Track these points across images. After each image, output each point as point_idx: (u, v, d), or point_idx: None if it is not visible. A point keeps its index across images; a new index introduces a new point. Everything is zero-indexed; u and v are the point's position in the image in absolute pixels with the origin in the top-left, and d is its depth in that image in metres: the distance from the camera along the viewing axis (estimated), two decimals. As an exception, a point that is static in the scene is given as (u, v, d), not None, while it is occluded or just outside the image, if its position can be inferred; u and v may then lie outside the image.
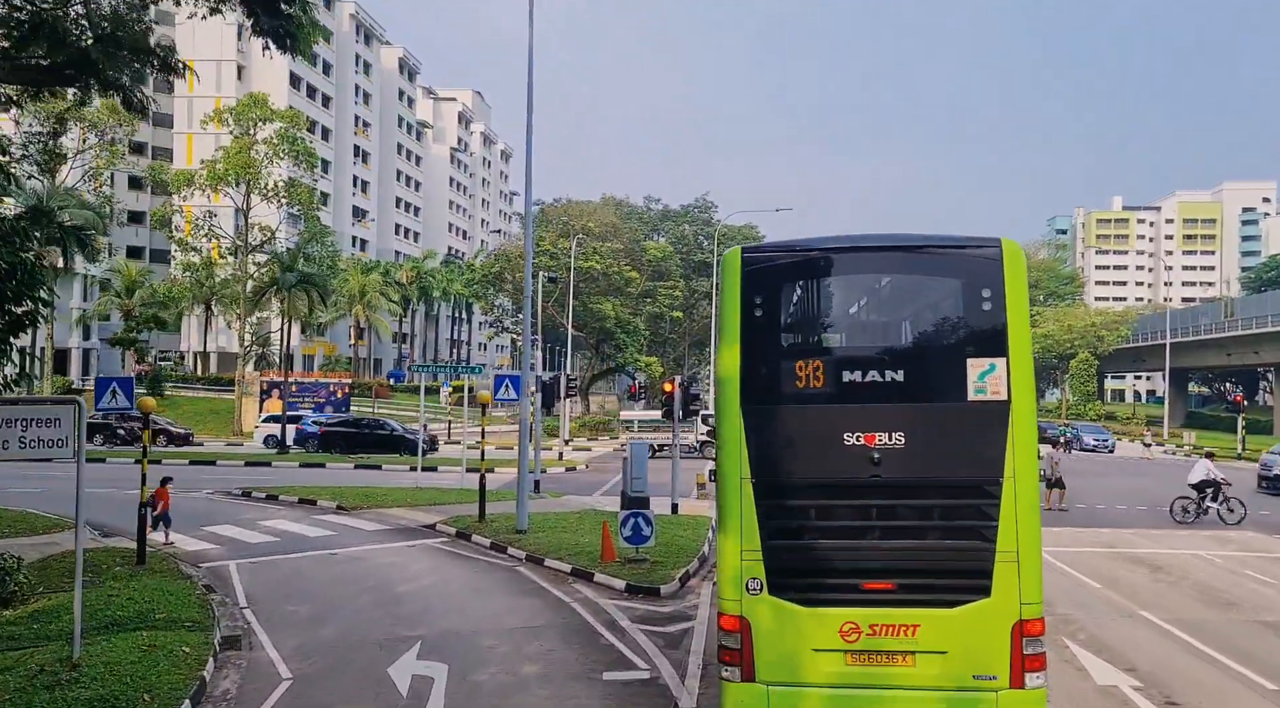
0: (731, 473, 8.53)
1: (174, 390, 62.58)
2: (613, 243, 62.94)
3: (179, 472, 34.87)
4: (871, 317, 9.43)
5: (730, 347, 8.68)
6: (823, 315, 9.27)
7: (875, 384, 8.39)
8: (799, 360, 8.60)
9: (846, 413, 8.36)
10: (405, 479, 32.21)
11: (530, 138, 20.82)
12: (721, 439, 8.88)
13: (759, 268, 8.80)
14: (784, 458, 8.46)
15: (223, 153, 49.88)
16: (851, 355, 8.76)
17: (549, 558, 17.96)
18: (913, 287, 9.19)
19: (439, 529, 21.90)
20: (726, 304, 8.90)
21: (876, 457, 8.20)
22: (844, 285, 9.22)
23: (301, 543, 20.01)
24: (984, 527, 8.13)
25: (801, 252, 9.06)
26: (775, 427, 8.51)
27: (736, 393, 8.56)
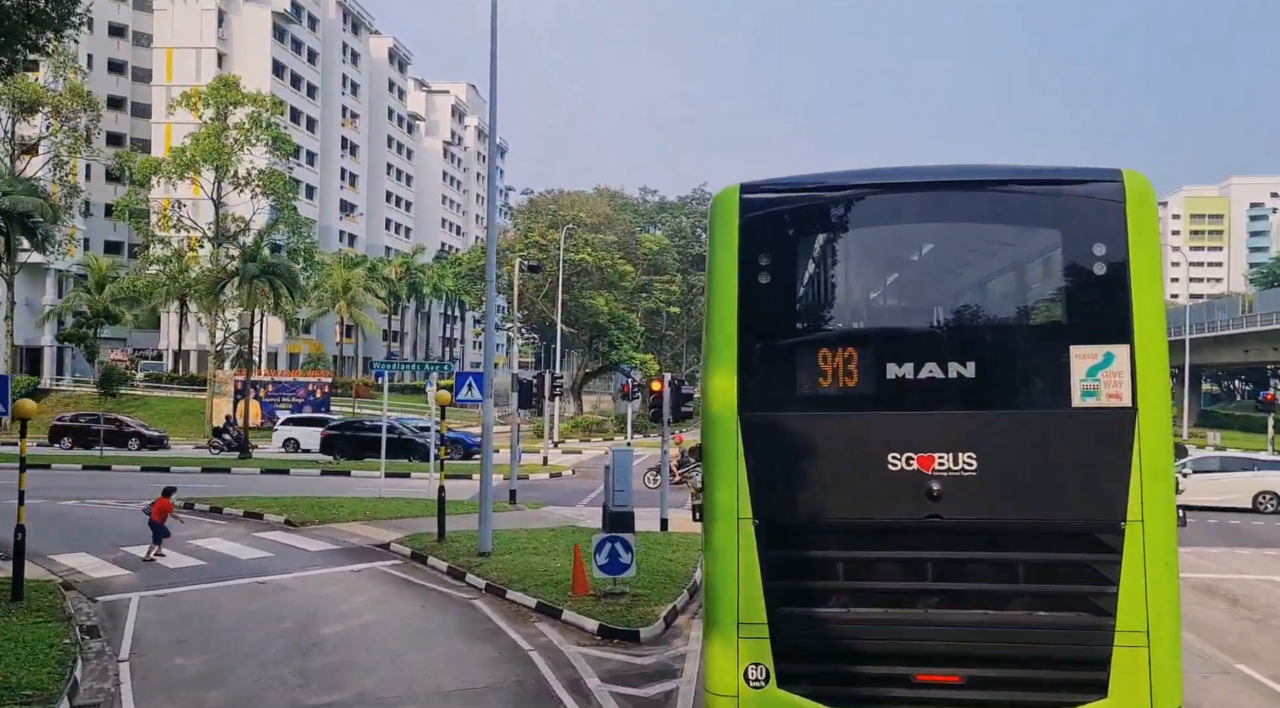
0: (724, 511, 6.31)
1: (147, 390, 59.82)
2: (606, 235, 60.10)
3: (130, 479, 32.37)
4: (928, 285, 7.04)
5: (722, 329, 6.44)
6: (857, 283, 7.01)
7: (934, 384, 6.16)
8: (822, 349, 6.36)
9: (892, 424, 6.22)
10: (404, 488, 29.33)
11: (494, 87, 18.04)
12: (710, 463, 6.54)
13: (765, 215, 6.52)
14: (800, 490, 6.27)
15: (191, 139, 47.09)
16: (899, 341, 6.44)
17: (512, 589, 15.18)
18: (989, 241, 6.79)
19: (393, 549, 19.12)
20: (718, 267, 6.56)
21: (935, 489, 6.01)
22: (888, 240, 6.86)
23: (229, 568, 17.23)
24: (1097, 594, 5.90)
25: (827, 190, 6.62)
26: (787, 445, 6.32)
27: (732, 396, 6.35)
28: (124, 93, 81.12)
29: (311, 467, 35.73)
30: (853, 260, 6.90)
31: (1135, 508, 5.84)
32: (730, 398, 6.30)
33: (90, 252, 68.65)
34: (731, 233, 6.43)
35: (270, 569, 17.13)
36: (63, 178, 50.27)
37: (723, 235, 6.48)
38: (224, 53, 77.84)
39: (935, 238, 6.91)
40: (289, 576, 16.67)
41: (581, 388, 68.32)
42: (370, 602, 14.86)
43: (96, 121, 48.17)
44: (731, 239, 6.42)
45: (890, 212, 6.63)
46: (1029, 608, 5.99)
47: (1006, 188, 6.54)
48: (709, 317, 6.66)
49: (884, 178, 6.67)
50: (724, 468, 6.31)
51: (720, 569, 6.28)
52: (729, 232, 6.44)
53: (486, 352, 18.70)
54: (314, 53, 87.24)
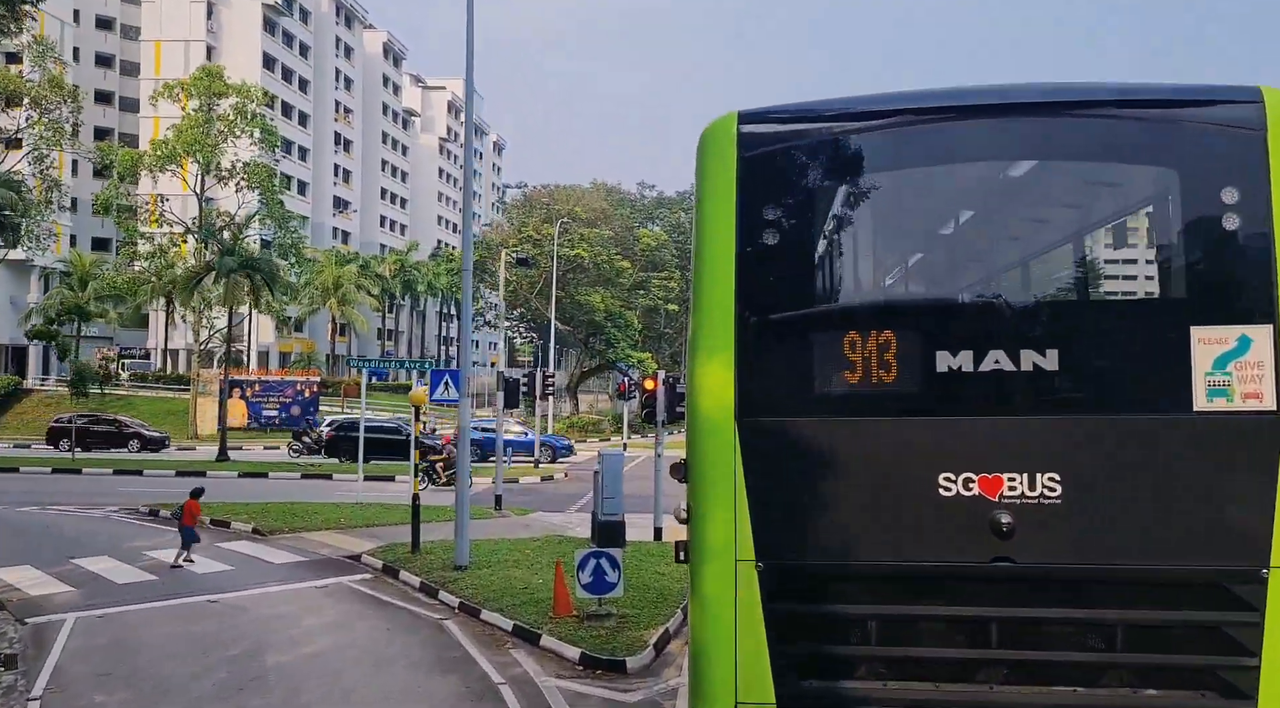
0: (716, 552, 4.80)
1: (132, 389, 58.37)
2: (602, 230, 58.59)
3: (99, 483, 30.87)
4: (995, 247, 5.47)
5: (714, 307, 4.94)
6: (898, 244, 5.56)
7: (1002, 379, 4.64)
8: (850, 332, 4.79)
9: (945, 434, 4.71)
10: (389, 492, 27.86)
11: (471, 53, 16.63)
12: (697, 487, 5.00)
13: (772, 153, 5.00)
14: (819, 524, 4.76)
15: (174, 130, 45.62)
16: (954, 322, 4.95)
17: (487, 608, 13.73)
18: (1079, 186, 5.26)
19: (364, 561, 17.68)
20: (708, 224, 5.04)
21: (1004, 522, 4.51)
22: (941, 184, 5.29)
23: (182, 583, 15.79)
24: (1229, 668, 4.40)
25: (856, 118, 5.07)
26: (803, 462, 4.80)
27: (727, 396, 4.84)
28: (112, 87, 79.65)
29: (292, 470, 34.26)
30: (892, 213, 5.43)
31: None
32: (725, 399, 4.84)
33: (76, 248, 67.14)
34: (726, 177, 4.92)
35: (227, 585, 15.69)
36: (44, 172, 48.69)
37: (715, 181, 4.97)
38: (213, 45, 76.34)
39: (1005, 182, 5.33)
40: (246, 593, 15.23)
41: (578, 387, 66.89)
42: (329, 624, 13.42)
43: (77, 113, 46.54)
44: (726, 186, 4.93)
45: (943, 146, 5.11)
46: (1133, 685, 4.54)
47: (1104, 112, 4.95)
48: (697, 291, 5.17)
49: (935, 101, 5.10)
50: (716, 494, 4.83)
51: (711, 629, 4.78)
52: (723, 176, 4.94)
53: (462, 347, 17.24)
54: (306, 46, 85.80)
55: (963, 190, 5.41)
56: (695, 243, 5.28)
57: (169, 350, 68.61)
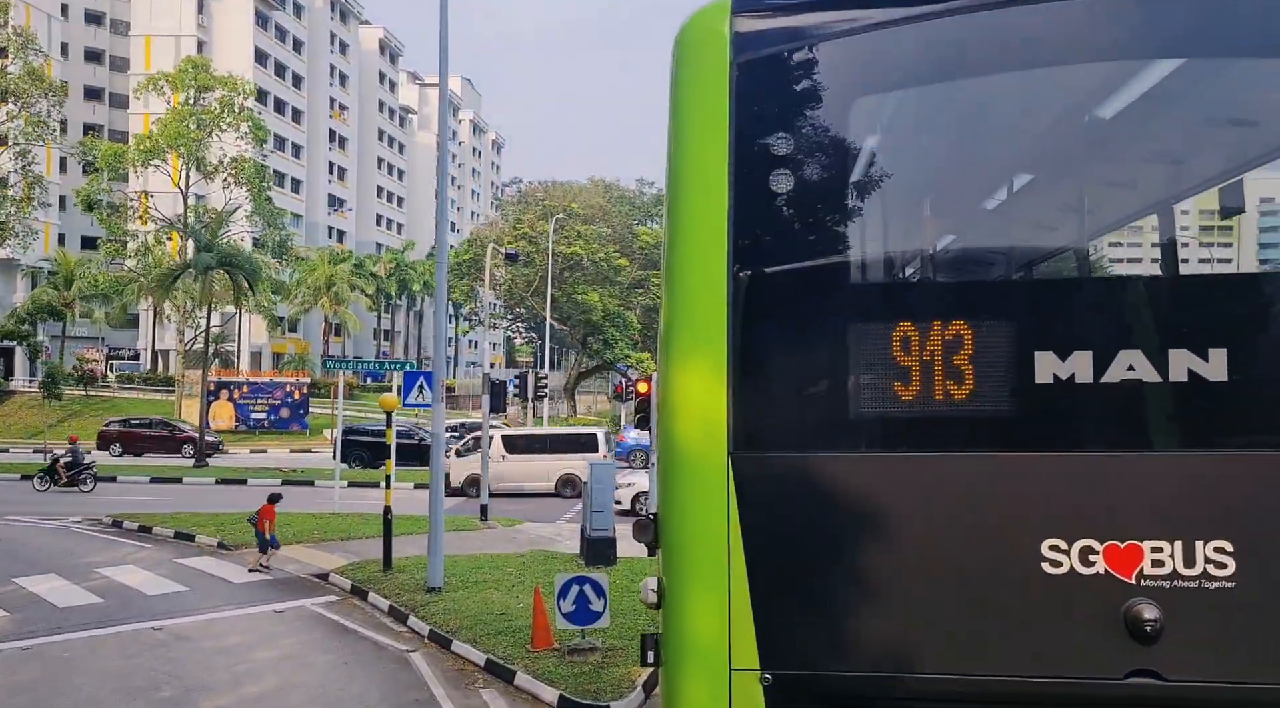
0: (700, 654, 3.29)
1: (119, 391, 56.97)
2: (600, 227, 57.12)
3: (70, 491, 29.36)
4: (1128, 192, 3.85)
5: (695, 281, 3.47)
6: (975, 188, 3.77)
7: (1137, 393, 3.11)
8: (902, 323, 3.22)
9: (1051, 479, 3.14)
10: (370, 500, 26.42)
11: (445, 22, 15.28)
12: (671, 555, 3.48)
13: (781, 54, 3.43)
14: (857, 615, 3.19)
15: (157, 124, 44.25)
16: (1063, 307, 3.34)
17: (459, 638, 12.32)
18: (1250, 92, 3.43)
19: (332, 581, 16.28)
20: (689, 156, 3.51)
21: (1150, 619, 2.96)
22: (1033, 93, 3.52)
23: (128, 608, 14.38)
24: None
25: (903, 2, 3.39)
26: (830, 522, 3.24)
27: (716, 418, 3.30)
28: (101, 82, 78.25)
29: (273, 476, 32.84)
30: (959, 142, 3.75)
31: None
32: (713, 424, 3.29)
33: (63, 247, 65.76)
34: (714, 93, 3.36)
35: (177, 610, 14.30)
36: (26, 168, 47.32)
37: (698, 100, 3.45)
38: (204, 40, 74.82)
39: (1132, 94, 3.58)
40: (196, 619, 13.83)
41: (575, 388, 65.44)
42: (281, 658, 11.99)
43: (59, 107, 45.16)
44: (714, 105, 3.36)
45: (1041, 38, 3.36)
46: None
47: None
48: (671, 262, 3.57)
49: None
50: (701, 568, 3.31)
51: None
52: (709, 91, 3.38)
53: (437, 346, 15.80)
54: (300, 42, 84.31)
55: (1067, 106, 3.63)
56: (669, 194, 3.58)
57: (157, 351, 67.21)
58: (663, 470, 3.55)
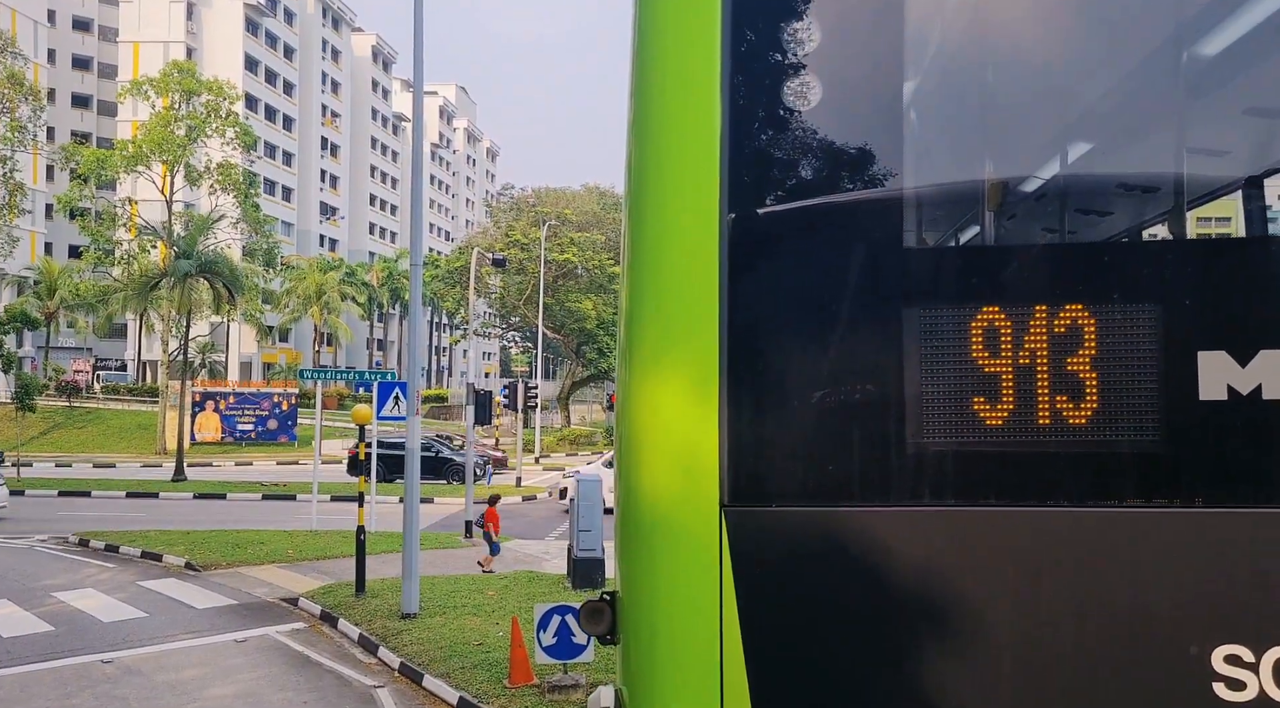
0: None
1: (103, 402, 55.88)
2: (594, 234, 56.16)
3: (43, 506, 28.23)
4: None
5: (670, 265, 2.23)
6: (1059, 113, 2.29)
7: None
8: (983, 310, 2.00)
9: (1223, 547, 1.91)
10: (352, 517, 25.31)
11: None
12: (634, 648, 2.36)
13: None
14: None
15: (140, 129, 43.28)
16: (1219, 287, 2.03)
17: (431, 672, 11.32)
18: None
19: (301, 606, 15.27)
20: (664, 69, 2.33)
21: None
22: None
23: (80, 637, 13.38)
24: None
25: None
26: (865, 598, 2.02)
27: (701, 458, 2.11)
28: (90, 90, 77.39)
29: (254, 490, 31.79)
30: (1046, 55, 2.36)
31: None
32: (698, 465, 2.18)
33: (49, 256, 64.83)
34: (705, 8, 2.22)
35: (132, 639, 13.30)
36: (6, 175, 46.28)
37: (673, 17, 2.33)
38: (193, 47, 73.93)
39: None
40: (150, 649, 12.83)
41: (569, 398, 64.44)
42: (236, 695, 10.99)
43: (39, 113, 44.19)
44: (704, 22, 2.23)
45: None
46: None
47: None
48: (633, 240, 2.44)
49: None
50: (679, 673, 2.21)
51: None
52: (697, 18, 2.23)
53: (411, 356, 14.81)
54: (291, 48, 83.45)
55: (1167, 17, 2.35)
56: (632, 130, 2.46)
57: (144, 362, 66.18)
58: (624, 533, 2.43)
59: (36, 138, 48.26)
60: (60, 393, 53.02)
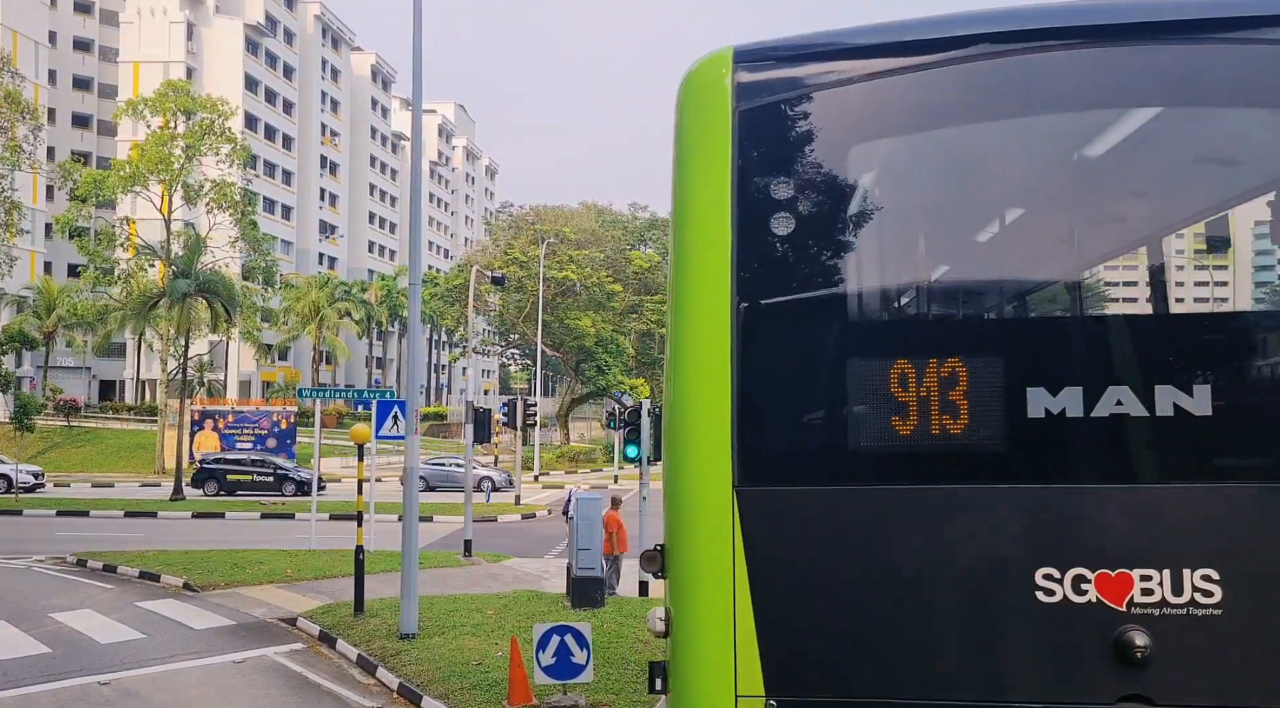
0: (707, 685, 3.35)
1: (101, 422, 55.86)
2: (592, 252, 56.28)
3: (41, 526, 28.11)
4: (1113, 235, 3.99)
5: (700, 321, 3.55)
6: (970, 230, 3.99)
7: (1125, 427, 3.23)
8: (900, 360, 3.35)
9: (1044, 510, 3.26)
10: (349, 536, 25.23)
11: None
12: (679, 588, 3.54)
13: (781, 102, 3.54)
14: (858, 644, 3.33)
15: (136, 149, 43.41)
16: (1054, 344, 3.52)
17: (430, 693, 11.28)
18: (1240, 142, 3.62)
19: (300, 626, 15.22)
20: (693, 200, 3.63)
21: (1140, 645, 3.08)
22: (1034, 143, 3.73)
23: (77, 659, 13.32)
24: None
25: (898, 53, 3.54)
26: (832, 552, 3.36)
27: (721, 453, 3.39)
28: (90, 110, 77.64)
29: (252, 509, 31.73)
30: (959, 186, 3.88)
31: None
32: (718, 457, 3.37)
33: (48, 275, 64.90)
34: (718, 139, 3.48)
35: (130, 660, 13.23)
36: (4, 195, 46.36)
37: (701, 145, 3.56)
38: (193, 67, 74.26)
39: (1119, 138, 3.61)
40: (147, 671, 12.76)
41: (569, 415, 64.43)
42: (232, 718, 10.94)
43: (36, 132, 44.26)
44: (718, 151, 3.47)
45: (1027, 87, 3.53)
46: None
47: (1258, 33, 3.32)
48: (676, 301, 3.61)
49: (1012, 23, 3.48)
50: (708, 598, 3.38)
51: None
52: (713, 137, 3.50)
53: (410, 375, 14.81)
54: (290, 68, 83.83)
55: (1061, 153, 3.79)
56: (673, 234, 3.71)
57: (143, 381, 66.16)
58: (670, 503, 3.56)
59: (34, 157, 48.35)
60: (59, 412, 52.96)
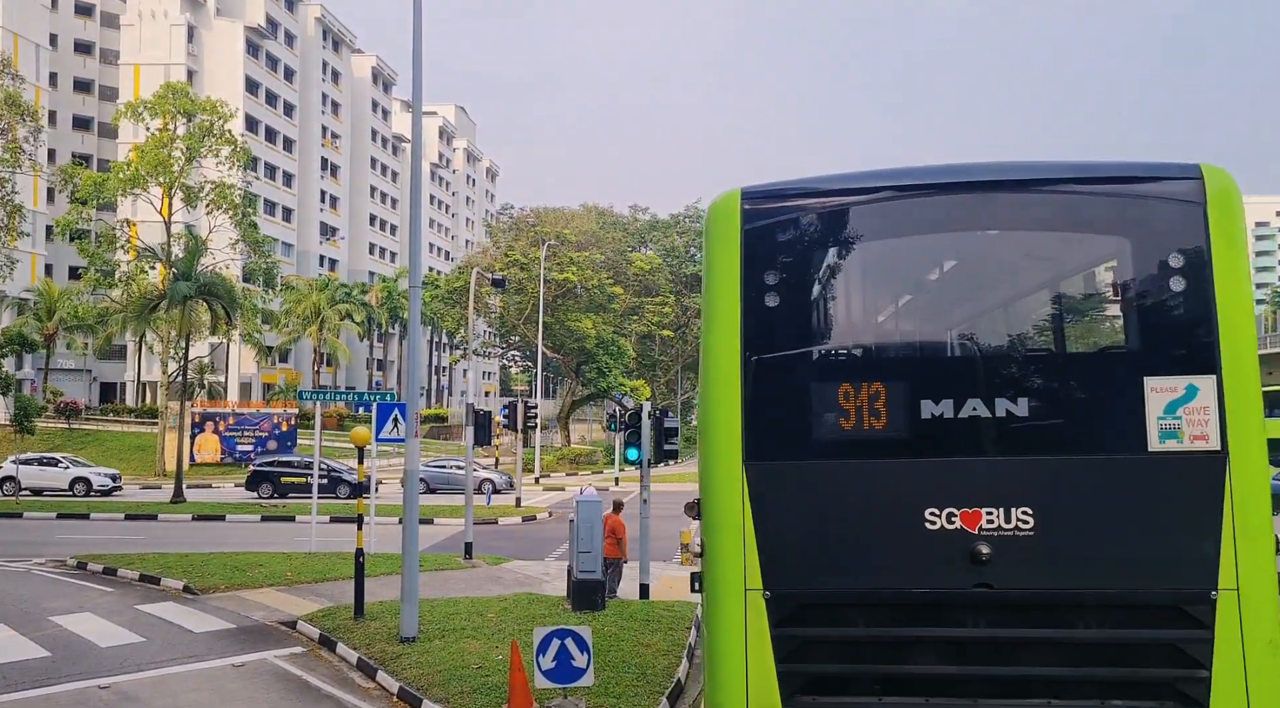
0: (729, 582, 5.38)
1: (101, 424, 55.81)
2: (593, 253, 56.21)
3: (41, 529, 28.14)
4: (970, 305, 6.28)
5: (722, 361, 5.56)
6: (884, 304, 6.31)
7: (979, 424, 5.24)
8: (844, 383, 5.41)
9: (929, 474, 5.29)
10: (351, 538, 25.17)
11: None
12: (710, 522, 5.56)
13: (773, 225, 5.63)
14: (819, 556, 5.41)
15: (135, 151, 43.37)
16: (936, 374, 5.60)
17: (430, 697, 11.25)
18: (1043, 253, 5.89)
19: (300, 629, 15.17)
20: (716, 288, 5.64)
21: (984, 552, 5.07)
22: (921, 252, 6.04)
23: (77, 662, 13.29)
24: (1185, 680, 4.98)
25: (846, 195, 5.71)
26: (804, 500, 5.45)
27: (734, 440, 5.45)
28: (91, 112, 77.66)
29: (252, 511, 31.68)
30: (878, 277, 6.18)
31: (1229, 575, 4.98)
32: (733, 444, 5.47)
33: (48, 278, 64.87)
34: (732, 247, 5.59)
35: (130, 664, 13.19)
36: (5, 197, 46.34)
37: (721, 250, 5.62)
38: (194, 69, 74.25)
39: (978, 250, 6.03)
40: (148, 674, 12.72)
41: (569, 417, 64.36)
42: (231, 722, 10.90)
43: (36, 134, 44.23)
44: (732, 255, 5.58)
45: (922, 219, 5.75)
46: (1101, 696, 5.08)
47: (1062, 188, 5.61)
48: (706, 347, 5.71)
49: (913, 179, 5.71)
50: (727, 530, 5.44)
51: (725, 651, 5.42)
52: (729, 246, 5.60)
53: (410, 378, 14.76)
54: (291, 70, 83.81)
55: (941, 257, 6.06)
56: (704, 305, 5.81)
57: (144, 383, 66.12)
58: (703, 472, 5.65)
59: (35, 159, 48.33)
60: (60, 414, 52.90)
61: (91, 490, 37.35)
